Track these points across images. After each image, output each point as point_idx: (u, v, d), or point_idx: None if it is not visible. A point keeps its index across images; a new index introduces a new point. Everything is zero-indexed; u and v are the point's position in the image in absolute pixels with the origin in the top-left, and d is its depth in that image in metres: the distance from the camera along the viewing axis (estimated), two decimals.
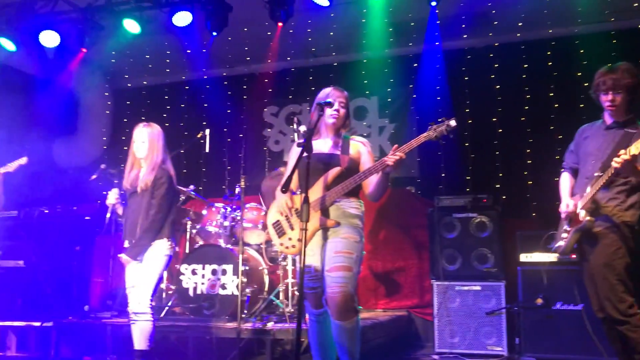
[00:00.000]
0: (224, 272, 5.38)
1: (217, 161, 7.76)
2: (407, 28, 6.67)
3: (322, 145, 3.48)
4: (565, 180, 3.89)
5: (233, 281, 5.33)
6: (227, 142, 7.80)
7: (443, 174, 6.68)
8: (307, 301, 3.42)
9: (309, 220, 3.19)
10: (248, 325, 4.81)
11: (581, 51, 6.35)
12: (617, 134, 3.56)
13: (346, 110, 3.55)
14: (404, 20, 6.49)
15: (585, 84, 3.96)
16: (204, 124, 7.62)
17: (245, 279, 5.20)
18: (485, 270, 5.49)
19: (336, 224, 3.32)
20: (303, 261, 3.04)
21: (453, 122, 3.18)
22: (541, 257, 5.30)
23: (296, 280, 5.54)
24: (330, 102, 3.46)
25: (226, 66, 7.97)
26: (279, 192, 3.38)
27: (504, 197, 6.38)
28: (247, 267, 5.38)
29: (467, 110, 6.80)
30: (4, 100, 6.82)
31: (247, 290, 5.29)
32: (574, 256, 4.18)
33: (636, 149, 3.23)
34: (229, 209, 5.77)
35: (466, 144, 6.82)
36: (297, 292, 5.50)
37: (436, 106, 6.77)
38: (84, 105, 8.13)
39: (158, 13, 6.22)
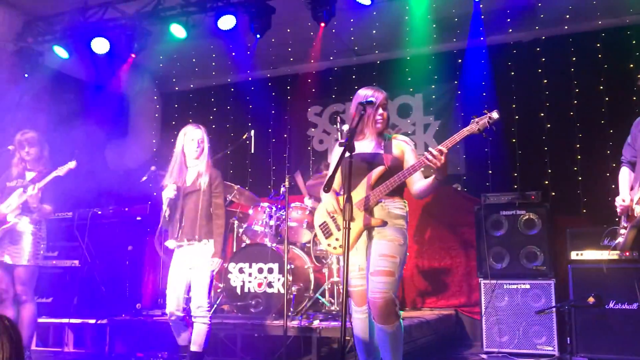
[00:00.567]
0: (270, 271, 5.45)
1: (262, 161, 7.85)
2: (451, 24, 6.60)
3: (366, 145, 3.49)
4: (624, 174, 3.77)
5: (279, 280, 5.39)
6: (272, 143, 7.89)
7: (490, 171, 6.58)
8: (351, 299, 3.44)
9: (354, 220, 3.22)
10: (294, 323, 4.86)
11: (633, 42, 6.15)
12: None
13: (387, 111, 3.56)
14: (447, 16, 6.42)
15: (638, 76, 3.83)
16: (249, 125, 7.75)
17: (290, 278, 5.25)
18: (534, 268, 5.38)
19: (382, 223, 3.32)
20: (346, 260, 3.05)
21: (495, 114, 3.13)
22: (592, 255, 5.17)
23: (340, 279, 5.57)
24: (372, 102, 3.46)
25: (270, 67, 8.06)
26: (324, 193, 3.41)
27: (553, 194, 6.25)
28: (293, 266, 5.44)
29: (514, 106, 6.68)
30: (58, 105, 7.08)
31: (293, 288, 5.34)
32: (628, 254, 4.06)
33: None
34: (274, 209, 5.84)
35: (513, 140, 6.70)
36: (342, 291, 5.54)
37: (482, 102, 6.67)
38: (134, 109, 8.36)
39: (203, 17, 6.35)
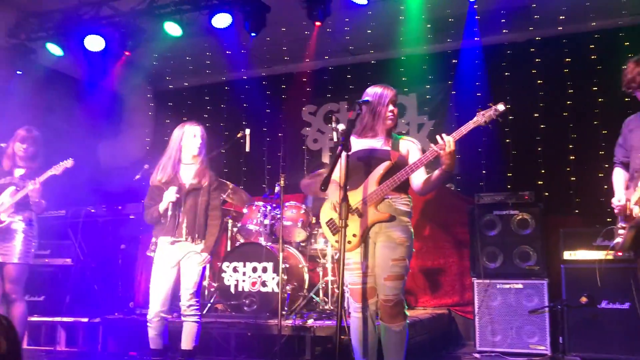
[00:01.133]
0: (265, 270, 5.45)
1: (257, 160, 7.84)
2: (445, 24, 6.61)
3: (375, 143, 3.51)
4: (618, 175, 3.78)
5: (273, 279, 5.38)
6: (267, 142, 7.88)
7: (484, 171, 6.60)
8: (351, 296, 3.45)
9: (362, 216, 3.26)
10: (289, 322, 4.86)
11: (626, 43, 6.17)
12: None
13: (397, 107, 3.59)
14: (442, 16, 6.43)
15: (623, 75, 3.85)
16: (244, 124, 7.73)
17: (285, 277, 5.25)
18: (527, 268, 5.41)
19: (390, 218, 3.34)
20: (343, 259, 3.06)
21: (501, 106, 3.17)
22: (585, 255, 5.19)
23: (336, 278, 5.58)
24: (368, 101, 3.48)
25: (265, 66, 8.05)
26: (332, 190, 3.43)
27: (547, 194, 6.27)
28: (287, 265, 5.44)
29: (509, 106, 6.60)
30: (51, 103, 7.04)
31: (287, 287, 5.34)
32: (620, 254, 4.08)
33: None
34: (269, 208, 5.84)
35: (507, 140, 6.72)
36: (338, 290, 5.54)
37: (476, 102, 6.66)
38: (127, 106, 8.32)
39: (198, 15, 6.32)
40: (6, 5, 6.78)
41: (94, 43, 6.60)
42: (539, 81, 6.67)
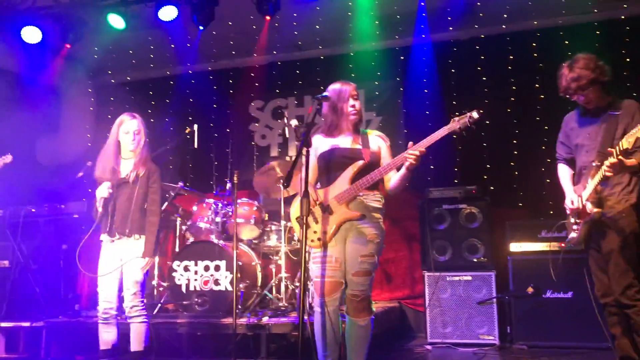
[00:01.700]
0: (217, 268, 5.36)
1: (205, 157, 7.69)
2: (394, 21, 6.66)
3: (344, 140, 3.50)
4: (563, 172, 3.90)
5: (226, 277, 5.31)
6: (214, 137, 7.74)
7: (432, 166, 6.70)
8: (315, 290, 3.44)
9: (333, 213, 3.27)
10: (243, 320, 4.81)
11: (566, 42, 6.40)
12: (602, 119, 3.61)
13: (359, 101, 3.58)
14: (391, 13, 6.48)
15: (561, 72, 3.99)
16: (190, 119, 7.57)
17: (239, 275, 5.19)
18: (475, 260, 5.55)
19: (360, 217, 3.36)
20: (304, 256, 3.05)
21: (476, 114, 3.22)
22: (531, 247, 5.38)
23: (289, 274, 5.56)
24: (326, 96, 3.48)
25: (211, 60, 7.89)
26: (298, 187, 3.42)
27: (492, 188, 6.44)
28: (240, 263, 5.37)
29: (455, 102, 6.82)
30: None
31: (241, 285, 5.28)
32: (563, 245, 4.25)
33: (628, 143, 3.25)
34: (220, 205, 5.74)
35: (454, 136, 6.82)
36: (291, 286, 5.51)
37: (424, 99, 6.79)
38: (67, 101, 8.00)
39: (143, 8, 6.14)
40: None
41: (32, 35, 6.30)
42: (484, 78, 6.82)
